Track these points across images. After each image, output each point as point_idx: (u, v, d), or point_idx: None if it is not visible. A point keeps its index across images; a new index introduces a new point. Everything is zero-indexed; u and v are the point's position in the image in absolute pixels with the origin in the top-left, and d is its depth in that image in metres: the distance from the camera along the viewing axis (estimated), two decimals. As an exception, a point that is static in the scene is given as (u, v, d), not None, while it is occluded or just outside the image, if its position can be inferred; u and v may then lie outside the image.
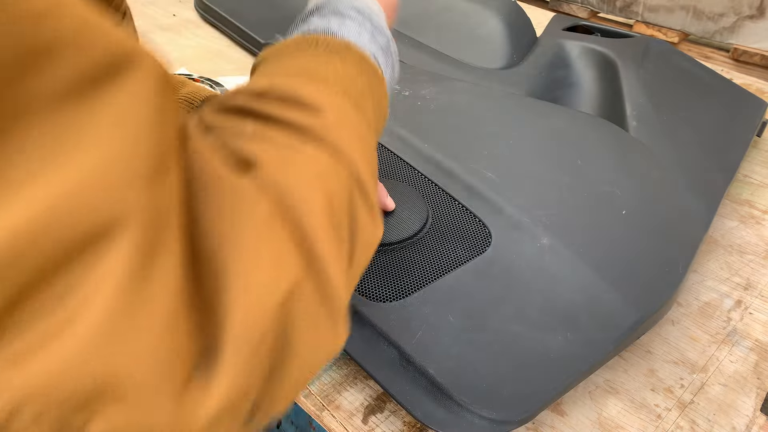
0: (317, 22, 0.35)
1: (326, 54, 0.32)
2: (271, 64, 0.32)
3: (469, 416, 0.41)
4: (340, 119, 0.27)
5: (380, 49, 0.36)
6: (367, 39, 0.35)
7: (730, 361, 0.49)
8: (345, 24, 0.35)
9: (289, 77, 0.30)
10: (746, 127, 0.73)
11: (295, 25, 0.37)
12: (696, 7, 1.22)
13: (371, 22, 0.36)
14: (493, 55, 0.82)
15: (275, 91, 0.27)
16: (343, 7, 0.36)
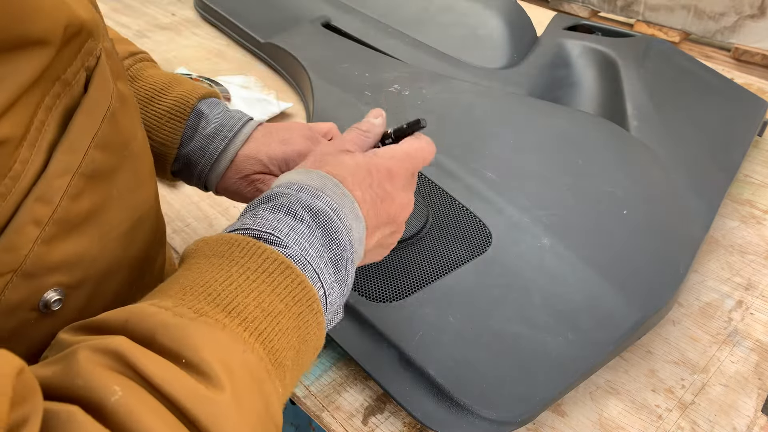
0: (267, 217, 0.32)
1: (257, 274, 0.28)
2: (194, 269, 0.29)
3: (469, 417, 0.41)
4: (237, 401, 0.24)
5: (329, 263, 0.32)
6: (317, 252, 0.31)
7: (731, 362, 0.49)
8: (296, 228, 0.31)
9: (199, 304, 0.26)
10: (747, 127, 0.73)
11: (245, 211, 0.34)
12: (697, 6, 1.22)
13: (326, 229, 0.32)
14: (494, 55, 0.82)
15: (170, 334, 0.24)
16: (298, 206, 0.32)
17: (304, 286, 0.30)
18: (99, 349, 0.23)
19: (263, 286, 0.28)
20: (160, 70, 0.49)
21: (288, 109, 0.80)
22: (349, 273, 0.34)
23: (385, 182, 0.37)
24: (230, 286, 0.27)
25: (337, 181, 0.35)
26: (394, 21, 0.91)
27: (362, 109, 0.70)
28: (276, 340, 0.27)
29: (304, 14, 0.95)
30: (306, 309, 0.30)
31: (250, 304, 0.27)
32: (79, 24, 0.28)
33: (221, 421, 0.23)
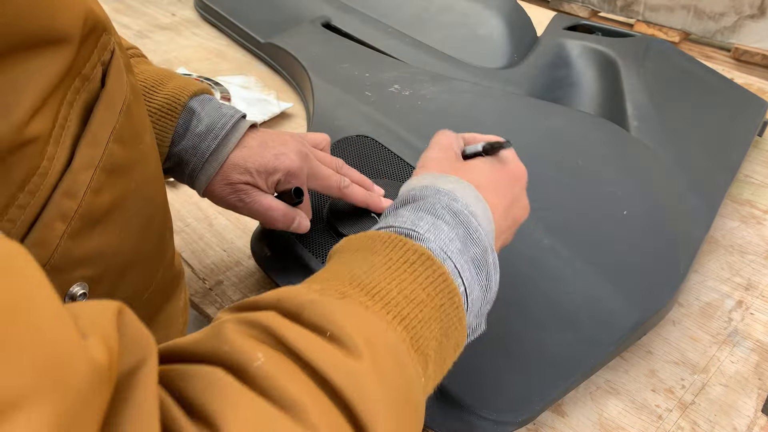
0: (407, 217, 0.32)
1: (399, 264, 0.29)
2: (343, 257, 0.30)
3: (469, 417, 0.41)
4: (377, 370, 0.24)
5: (470, 261, 0.32)
6: (457, 249, 0.31)
7: (731, 362, 0.49)
8: (436, 225, 0.32)
9: (347, 285, 0.27)
10: (747, 127, 0.73)
11: (386, 214, 0.35)
12: (697, 6, 1.22)
13: (467, 229, 0.32)
14: (494, 55, 0.82)
15: (316, 309, 0.25)
16: (438, 205, 0.33)
17: (445, 279, 0.30)
18: (247, 322, 0.24)
19: (405, 275, 0.28)
20: (152, 66, 0.49)
21: (288, 109, 0.80)
22: (491, 278, 0.33)
23: (515, 186, 0.38)
24: (373, 274, 0.28)
25: (473, 186, 0.35)
26: (394, 21, 0.91)
27: (362, 109, 0.70)
28: (418, 327, 0.27)
29: (304, 14, 0.95)
30: (447, 302, 0.29)
31: (393, 290, 0.27)
32: (95, 18, 0.28)
33: (360, 389, 0.23)
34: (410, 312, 0.27)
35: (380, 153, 0.62)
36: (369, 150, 0.63)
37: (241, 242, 0.60)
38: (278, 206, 0.47)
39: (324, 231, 0.53)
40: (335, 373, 0.22)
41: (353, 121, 0.68)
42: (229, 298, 0.54)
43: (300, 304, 0.25)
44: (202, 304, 0.53)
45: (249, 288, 0.55)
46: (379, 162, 0.61)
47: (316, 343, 0.23)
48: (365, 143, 0.64)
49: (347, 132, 0.65)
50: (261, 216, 0.47)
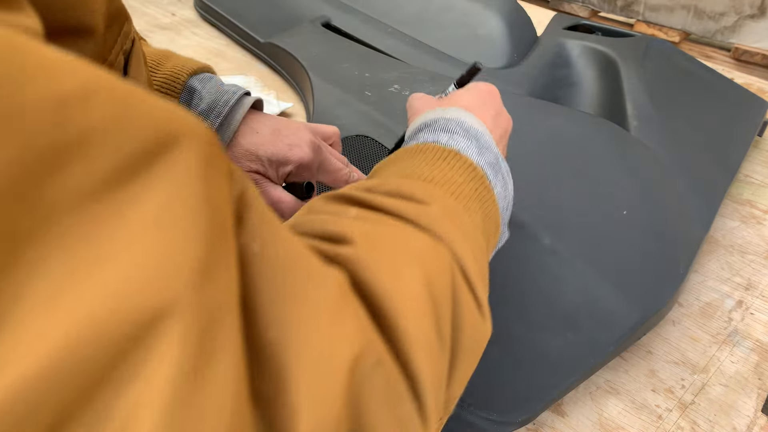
0: (425, 136, 0.35)
1: (435, 159, 0.32)
2: (382, 171, 0.33)
3: (470, 417, 0.41)
4: (446, 213, 0.28)
5: (488, 165, 0.35)
6: (475, 152, 0.34)
7: (731, 362, 0.49)
8: (453, 138, 0.35)
9: (398, 177, 0.31)
10: (747, 127, 0.73)
11: (406, 142, 0.38)
12: (697, 6, 1.21)
13: (478, 140, 0.35)
14: (494, 55, 0.82)
15: (383, 186, 0.28)
16: (451, 125, 0.36)
17: (474, 168, 0.33)
18: (329, 196, 0.28)
19: (443, 165, 0.32)
20: (149, 47, 0.48)
21: (288, 109, 0.80)
22: (507, 183, 0.37)
23: (493, 100, 0.40)
24: (416, 168, 0.32)
25: (469, 112, 0.38)
26: (394, 21, 0.91)
27: (362, 108, 0.70)
28: (466, 201, 0.31)
29: (304, 14, 0.95)
30: (480, 185, 0.33)
31: (437, 176, 0.31)
32: (117, 7, 0.29)
33: (436, 223, 0.26)
34: (456, 189, 0.31)
35: (380, 153, 0.62)
36: (369, 150, 0.63)
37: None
38: (288, 199, 0.46)
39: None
40: (416, 215, 0.26)
41: (353, 121, 0.68)
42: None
43: (368, 187, 0.28)
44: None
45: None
46: (378, 162, 0.61)
47: (391, 200, 0.27)
48: (365, 143, 0.64)
49: (347, 132, 0.65)
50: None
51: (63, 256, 0.13)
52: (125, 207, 0.14)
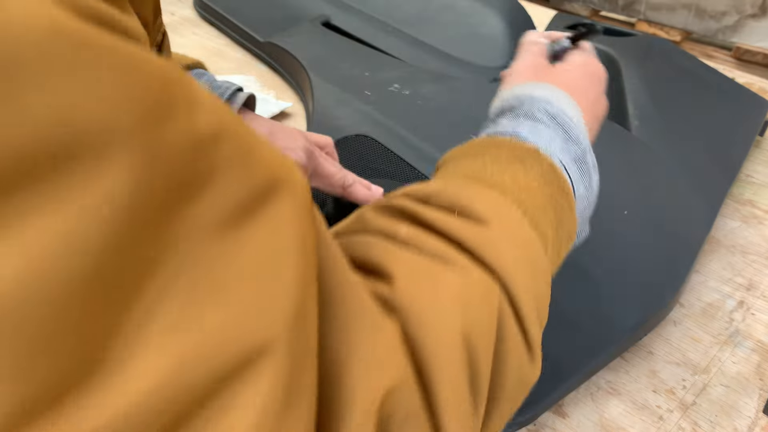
0: (506, 124, 0.33)
1: (508, 159, 0.30)
2: (451, 165, 0.31)
3: (469, 418, 0.41)
4: (506, 235, 0.26)
5: (572, 161, 0.33)
6: (558, 147, 0.32)
7: (732, 362, 0.49)
8: (536, 129, 0.32)
9: (463, 179, 0.29)
10: (748, 127, 0.73)
11: (485, 126, 0.35)
12: (698, 5, 1.21)
13: (565, 130, 0.33)
14: (495, 54, 0.82)
15: (442, 196, 0.26)
16: (536, 110, 0.33)
17: (554, 169, 0.30)
18: (382, 207, 0.27)
19: (516, 167, 0.29)
20: None
21: (288, 109, 0.80)
22: (592, 179, 0.34)
23: (597, 86, 0.38)
24: (485, 169, 0.29)
25: (564, 92, 0.35)
26: (394, 20, 0.91)
27: (362, 108, 0.70)
28: (534, 212, 0.28)
29: (303, 13, 0.95)
30: (557, 190, 0.30)
31: (507, 180, 0.29)
32: (157, 2, 0.30)
33: (493, 247, 0.24)
34: (526, 198, 0.28)
35: (380, 152, 0.62)
36: (369, 149, 0.63)
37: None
38: None
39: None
40: (469, 237, 0.24)
41: (353, 121, 0.68)
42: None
43: (427, 194, 0.27)
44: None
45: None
46: (379, 161, 0.61)
47: (447, 218, 0.25)
48: (365, 143, 0.63)
49: (347, 131, 0.65)
50: None
51: (186, 285, 0.14)
52: (239, 245, 0.15)
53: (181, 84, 0.14)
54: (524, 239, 0.26)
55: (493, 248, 0.24)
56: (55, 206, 0.11)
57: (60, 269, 0.11)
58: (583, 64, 0.38)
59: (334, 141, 0.63)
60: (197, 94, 0.15)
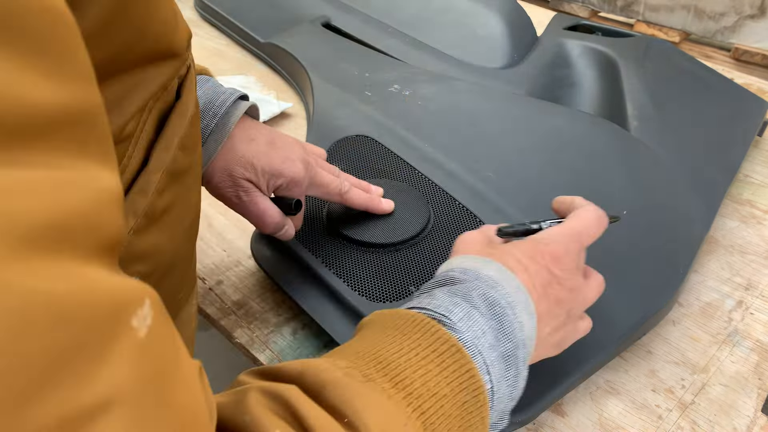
0: (442, 300, 0.32)
1: (427, 353, 0.28)
2: (368, 337, 0.30)
3: (469, 417, 0.41)
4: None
5: (500, 357, 0.31)
6: (488, 343, 0.31)
7: (731, 362, 0.49)
8: (471, 315, 0.31)
9: (372, 367, 0.27)
10: (747, 127, 0.73)
11: (423, 290, 0.34)
12: (697, 6, 1.21)
13: (499, 321, 0.32)
14: (494, 55, 0.82)
15: (337, 392, 0.25)
16: (476, 294, 0.32)
17: (473, 375, 0.29)
18: (269, 393, 0.24)
19: (431, 365, 0.28)
20: None
21: (288, 109, 0.80)
22: (520, 374, 0.33)
23: (552, 266, 0.36)
24: (400, 359, 0.28)
25: (513, 274, 0.34)
26: (394, 21, 0.91)
27: (362, 108, 0.70)
28: (437, 423, 0.27)
29: (304, 14, 0.95)
30: (471, 399, 0.29)
31: (417, 381, 0.27)
32: (190, 36, 0.32)
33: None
34: (431, 407, 0.27)
35: (380, 153, 0.62)
36: (369, 150, 0.63)
37: (241, 242, 0.60)
38: (273, 213, 0.46)
39: (324, 231, 0.53)
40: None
41: (353, 121, 0.68)
42: (229, 298, 0.54)
43: (322, 382, 0.25)
44: (202, 304, 0.53)
45: (249, 288, 0.55)
46: (379, 162, 0.61)
47: (331, 428, 0.23)
48: (365, 143, 0.64)
49: (347, 132, 0.65)
50: (254, 217, 0.46)
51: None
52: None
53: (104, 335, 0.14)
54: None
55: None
56: None
57: None
58: (551, 241, 0.37)
59: (334, 141, 0.64)
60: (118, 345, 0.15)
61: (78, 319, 0.14)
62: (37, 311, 0.13)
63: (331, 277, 0.49)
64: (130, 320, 0.16)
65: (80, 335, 0.14)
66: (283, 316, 0.52)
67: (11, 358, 0.13)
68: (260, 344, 0.50)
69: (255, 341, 0.50)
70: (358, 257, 0.51)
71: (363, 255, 0.51)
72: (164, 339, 0.18)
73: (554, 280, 0.36)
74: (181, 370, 0.18)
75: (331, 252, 0.51)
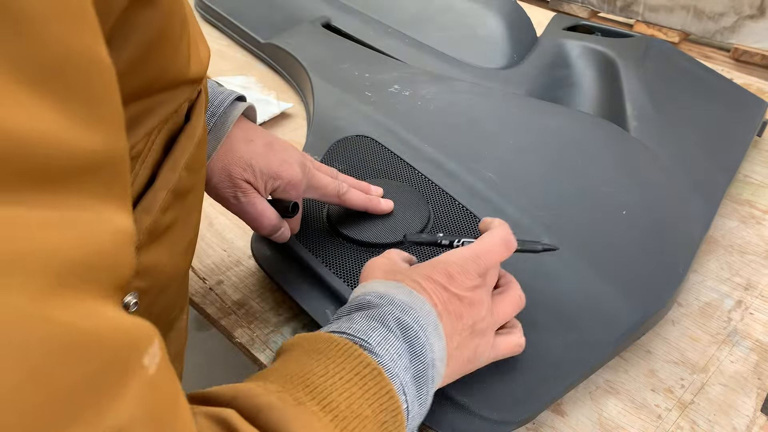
0: (360, 323, 0.34)
1: (351, 376, 0.30)
2: (293, 361, 0.31)
3: (469, 416, 0.41)
4: None
5: (413, 379, 0.33)
6: (403, 366, 0.33)
7: (730, 362, 0.49)
8: (387, 339, 0.33)
9: (300, 390, 0.29)
10: (747, 127, 0.73)
11: (340, 313, 0.36)
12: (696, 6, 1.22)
13: (412, 346, 0.34)
14: (494, 55, 0.82)
15: (272, 416, 0.26)
16: (390, 318, 0.34)
17: (391, 396, 0.31)
18: (212, 416, 0.25)
19: (355, 389, 0.30)
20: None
21: (288, 110, 0.80)
22: (429, 393, 0.35)
23: (447, 284, 0.38)
24: (326, 382, 0.30)
25: (424, 298, 0.36)
26: (394, 21, 0.91)
27: (362, 109, 0.70)
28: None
29: (304, 15, 0.95)
30: (390, 419, 0.31)
31: (342, 404, 0.29)
32: (207, 64, 0.34)
33: None
34: (355, 427, 0.29)
35: (380, 153, 0.62)
36: (369, 150, 0.63)
37: (241, 242, 0.60)
38: (270, 214, 0.46)
39: (324, 231, 0.53)
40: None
41: (353, 121, 0.68)
42: (230, 298, 0.54)
43: (257, 406, 0.26)
44: (202, 304, 0.53)
45: (249, 288, 0.55)
46: (379, 162, 0.61)
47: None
48: (365, 143, 0.64)
49: (347, 132, 0.65)
50: (251, 218, 0.46)
51: None
52: None
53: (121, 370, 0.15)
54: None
55: None
56: None
57: None
58: (446, 260, 0.39)
59: (334, 141, 0.64)
60: (132, 380, 0.16)
61: (101, 355, 0.15)
62: (71, 345, 0.14)
63: (331, 277, 0.49)
64: (142, 358, 0.17)
65: (102, 370, 0.15)
66: (283, 315, 0.52)
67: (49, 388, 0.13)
68: (260, 344, 0.50)
69: (255, 341, 0.50)
70: (358, 257, 0.51)
71: (363, 255, 0.51)
72: (168, 377, 0.19)
73: (453, 297, 0.38)
74: (180, 408, 0.19)
75: (331, 252, 0.51)
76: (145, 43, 0.25)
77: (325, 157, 0.62)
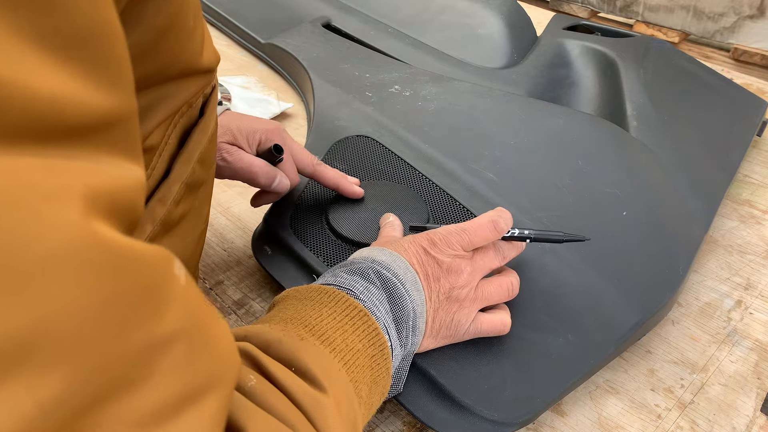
0: (344, 278, 0.37)
1: (341, 317, 0.34)
2: (290, 308, 0.34)
3: (470, 417, 0.41)
4: (338, 408, 0.28)
5: (394, 321, 0.37)
6: (384, 310, 0.36)
7: (730, 361, 0.49)
8: (368, 289, 0.37)
9: (301, 328, 0.32)
10: (746, 127, 0.73)
11: (326, 273, 0.39)
12: (696, 6, 1.22)
13: (392, 295, 0.37)
14: (494, 55, 0.82)
15: (281, 348, 0.29)
16: (370, 271, 0.38)
17: (378, 333, 0.35)
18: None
19: (347, 327, 0.33)
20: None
21: (288, 110, 0.81)
22: (410, 339, 0.38)
23: (428, 248, 0.41)
24: (322, 322, 0.33)
25: (404, 258, 0.40)
26: (394, 21, 0.91)
27: (363, 109, 0.70)
28: (355, 372, 0.32)
29: (304, 15, 0.95)
30: (378, 353, 0.34)
31: (338, 339, 0.32)
32: (218, 60, 0.35)
33: (328, 420, 0.27)
34: (350, 358, 0.32)
35: (380, 153, 0.62)
36: (369, 150, 0.63)
37: (241, 242, 0.60)
38: (260, 163, 0.49)
39: (324, 231, 0.53)
40: (306, 401, 0.27)
41: (354, 122, 0.68)
42: (230, 298, 0.54)
43: (267, 341, 0.29)
44: (203, 304, 0.53)
45: (249, 288, 0.55)
46: (379, 162, 0.61)
47: (288, 374, 0.28)
48: (366, 143, 0.64)
49: (348, 132, 0.66)
50: (243, 173, 0.49)
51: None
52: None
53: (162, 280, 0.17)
54: (349, 408, 0.30)
55: (325, 417, 0.27)
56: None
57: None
58: (433, 231, 0.43)
59: (334, 141, 0.64)
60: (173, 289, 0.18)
61: (143, 266, 0.17)
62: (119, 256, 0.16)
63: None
64: (173, 269, 0.18)
65: (148, 279, 0.17)
66: (283, 315, 0.52)
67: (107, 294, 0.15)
68: (261, 344, 0.50)
69: (256, 341, 0.50)
70: (359, 257, 0.51)
71: (363, 255, 0.51)
72: (195, 288, 0.20)
73: (431, 260, 0.41)
74: (215, 318, 0.21)
75: (331, 252, 0.51)
76: (157, 29, 0.26)
77: (326, 157, 0.62)
